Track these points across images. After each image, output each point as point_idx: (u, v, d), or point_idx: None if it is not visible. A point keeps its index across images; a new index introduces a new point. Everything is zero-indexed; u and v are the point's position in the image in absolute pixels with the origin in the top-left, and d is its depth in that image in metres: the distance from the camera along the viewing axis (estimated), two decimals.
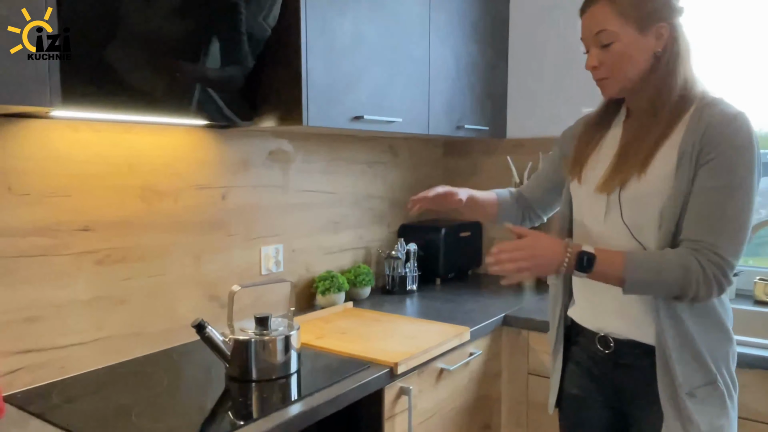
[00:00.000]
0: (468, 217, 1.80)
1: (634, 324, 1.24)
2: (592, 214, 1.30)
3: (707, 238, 1.11)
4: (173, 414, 1.22)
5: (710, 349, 1.19)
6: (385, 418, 1.44)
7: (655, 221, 1.19)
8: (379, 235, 2.35)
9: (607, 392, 1.32)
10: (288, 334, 1.39)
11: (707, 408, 1.18)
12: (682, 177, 1.14)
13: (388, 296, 2.18)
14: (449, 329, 1.71)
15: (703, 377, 1.18)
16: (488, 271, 2.59)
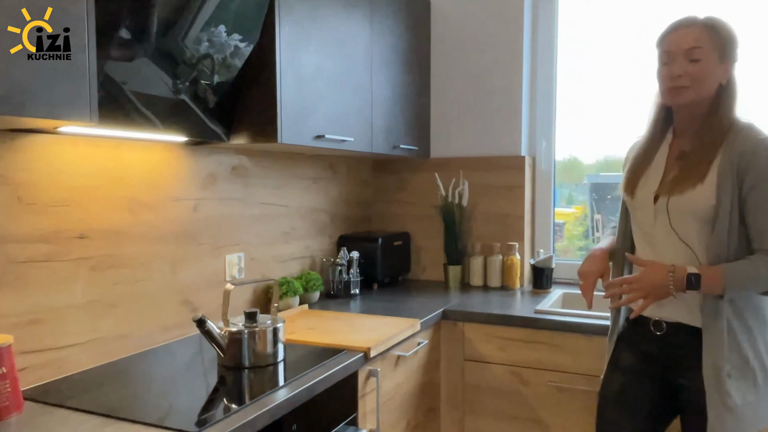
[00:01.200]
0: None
1: (681, 310, 1.52)
2: (648, 223, 1.58)
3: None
4: (180, 397, 1.36)
5: (745, 334, 1.47)
6: (359, 396, 1.66)
7: (700, 229, 1.47)
8: (322, 245, 2.56)
9: (655, 366, 1.59)
10: (276, 326, 1.57)
11: (741, 384, 1.45)
12: (725, 192, 1.42)
13: (334, 300, 2.39)
14: (402, 321, 1.96)
15: (738, 359, 1.45)
16: (421, 276, 2.88)
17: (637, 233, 1.64)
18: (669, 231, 1.52)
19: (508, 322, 2.11)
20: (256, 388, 1.42)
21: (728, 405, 1.43)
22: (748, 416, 1.44)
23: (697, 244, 1.48)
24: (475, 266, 2.65)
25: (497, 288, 2.62)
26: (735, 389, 1.43)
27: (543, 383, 2.06)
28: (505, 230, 2.67)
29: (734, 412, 1.43)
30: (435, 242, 2.81)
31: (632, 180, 1.61)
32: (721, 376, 1.43)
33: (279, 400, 1.32)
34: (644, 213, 1.58)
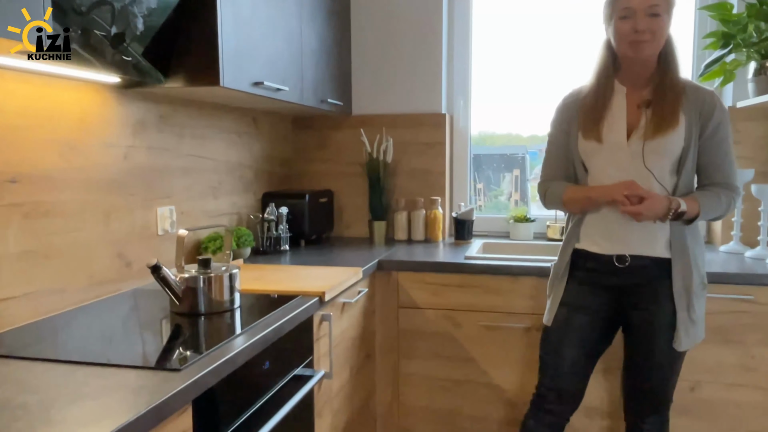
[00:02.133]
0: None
1: (644, 243, 1.67)
2: (616, 165, 1.69)
3: (730, 180, 1.69)
4: (144, 344, 1.30)
5: (701, 258, 1.71)
6: (314, 340, 1.67)
7: (673, 167, 1.67)
8: (247, 202, 2.49)
9: (607, 297, 1.74)
10: (233, 272, 1.53)
11: (700, 300, 1.70)
12: (691, 135, 1.64)
13: (265, 256, 2.35)
14: (344, 270, 1.98)
15: (699, 279, 1.69)
16: (345, 234, 2.92)
17: (600, 176, 1.72)
18: (643, 171, 1.66)
19: (440, 269, 2.21)
20: (223, 332, 1.38)
21: (693, 318, 1.67)
22: (702, 326, 1.71)
23: (667, 182, 1.66)
24: (399, 221, 2.72)
25: (421, 241, 2.71)
26: (697, 304, 1.67)
27: (474, 324, 2.19)
28: (428, 186, 2.76)
29: (696, 324, 1.68)
30: (358, 199, 2.84)
31: (594, 127, 1.71)
32: (690, 295, 1.65)
33: (254, 338, 1.30)
34: (615, 156, 1.69)
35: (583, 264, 1.77)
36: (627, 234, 1.68)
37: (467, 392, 2.22)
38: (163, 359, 1.20)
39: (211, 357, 1.17)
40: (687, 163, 1.66)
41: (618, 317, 1.77)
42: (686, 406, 2.01)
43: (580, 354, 1.78)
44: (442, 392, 2.24)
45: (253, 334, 1.32)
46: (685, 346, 1.67)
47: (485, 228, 2.81)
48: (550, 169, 1.86)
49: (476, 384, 2.21)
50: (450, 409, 2.24)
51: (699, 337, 1.70)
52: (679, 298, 1.65)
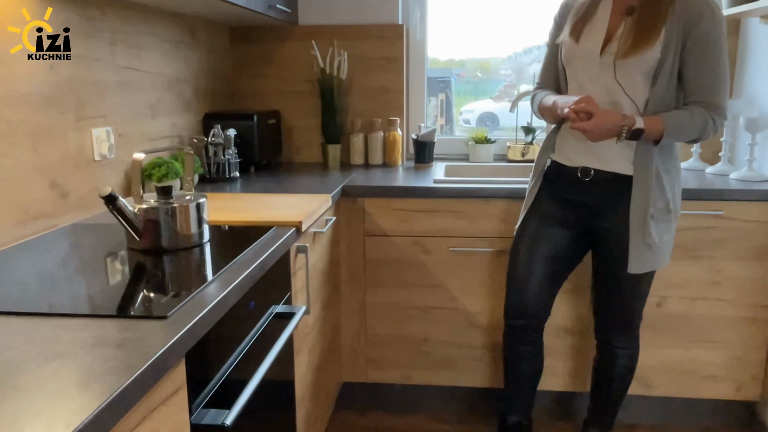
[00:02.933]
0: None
1: (608, 158, 1.61)
2: (586, 73, 1.60)
3: (713, 100, 1.53)
4: (104, 289, 1.09)
5: (669, 182, 1.62)
6: (291, 274, 1.51)
7: (642, 81, 1.55)
8: (188, 124, 2.22)
9: (575, 213, 1.70)
10: (200, 200, 1.32)
11: (660, 225, 1.62)
12: (670, 49, 1.50)
13: (214, 184, 2.11)
14: (312, 198, 1.80)
15: (663, 203, 1.60)
16: (295, 159, 2.72)
17: (573, 85, 1.67)
18: (613, 83, 1.56)
19: (409, 194, 2.07)
20: (201, 270, 1.19)
21: (648, 243, 1.59)
22: (661, 253, 1.63)
23: (638, 96, 1.56)
24: (355, 144, 2.54)
25: (379, 165, 2.55)
26: (655, 230, 1.60)
27: (444, 250, 2.10)
28: (385, 105, 2.58)
29: (652, 250, 1.61)
30: (308, 121, 2.62)
31: (578, 26, 1.62)
32: (646, 218, 1.58)
33: (241, 276, 1.12)
34: (587, 64, 1.61)
35: (554, 176, 1.74)
36: (594, 147, 1.62)
37: (437, 319, 2.15)
38: (142, 306, 1.01)
39: (198, 301, 0.99)
40: (661, 77, 1.53)
41: (586, 235, 1.74)
42: (652, 322, 2.05)
43: (548, 268, 1.76)
44: (410, 320, 2.17)
45: (238, 272, 1.14)
46: (636, 270, 1.63)
47: (442, 150, 2.68)
48: (542, 76, 1.80)
49: (447, 310, 2.14)
50: (419, 336, 2.17)
51: (656, 264, 1.64)
52: (634, 219, 1.59)
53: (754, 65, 2.22)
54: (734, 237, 1.96)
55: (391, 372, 2.21)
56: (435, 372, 2.19)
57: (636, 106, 1.57)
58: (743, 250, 1.97)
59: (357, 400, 2.28)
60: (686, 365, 2.07)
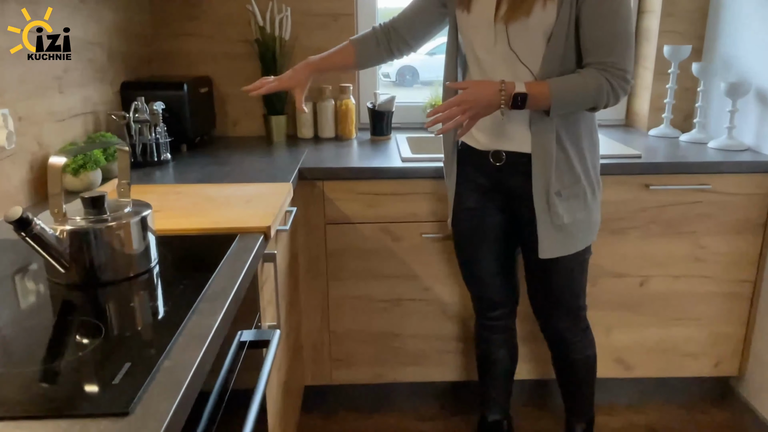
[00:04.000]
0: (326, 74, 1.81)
1: (518, 139, 1.44)
2: (481, 43, 1.42)
3: (609, 59, 1.32)
4: (20, 355, 0.78)
5: (577, 155, 1.43)
6: (259, 290, 1.23)
7: (540, 47, 1.35)
8: (104, 96, 1.83)
9: (498, 198, 1.55)
10: (144, 213, 1.01)
11: (571, 203, 1.45)
12: (564, 9, 1.30)
13: (142, 169, 1.76)
14: (272, 189, 1.51)
15: (570, 178, 1.43)
16: (232, 133, 2.40)
17: (471, 57, 1.49)
18: (508, 52, 1.38)
19: (376, 175, 1.82)
20: (159, 317, 0.90)
21: (556, 224, 1.46)
22: (577, 233, 1.49)
23: (536, 65, 1.38)
24: (303, 115, 2.23)
25: (331, 138, 2.26)
26: (564, 208, 1.45)
27: (416, 236, 1.88)
28: None
29: (563, 231, 1.47)
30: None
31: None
32: (550, 196, 1.43)
33: (217, 318, 0.84)
34: (481, 34, 1.42)
35: (468, 161, 1.57)
36: (501, 127, 1.46)
37: (408, 311, 1.95)
38: (87, 394, 0.70)
39: (169, 372, 0.71)
40: (554, 40, 1.33)
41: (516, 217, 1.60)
42: (634, 302, 1.95)
43: (493, 259, 1.64)
44: (379, 314, 1.95)
45: (212, 312, 0.86)
46: (547, 255, 1.48)
47: (395, 119, 2.42)
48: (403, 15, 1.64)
49: (419, 302, 1.94)
50: (389, 331, 1.96)
51: (571, 246, 1.49)
52: (538, 199, 1.44)
53: (728, 24, 2.10)
54: (718, 211, 1.87)
55: (358, 371, 2.00)
56: (406, 368, 2.00)
57: (533, 75, 1.39)
58: (726, 224, 1.88)
59: (323, 402, 2.06)
60: (666, 344, 2.00)
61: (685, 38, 2.22)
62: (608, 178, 1.79)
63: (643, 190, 1.83)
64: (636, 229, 1.88)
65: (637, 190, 1.84)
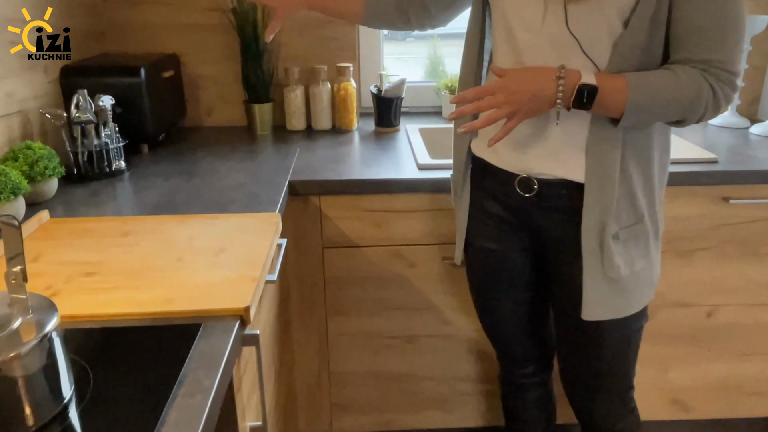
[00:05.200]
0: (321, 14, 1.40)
1: (563, 159, 1.04)
2: (523, 20, 1.01)
3: (714, 56, 0.92)
4: None
5: (644, 185, 1.05)
6: (235, 389, 0.87)
7: (611, 33, 0.95)
8: (36, 89, 1.42)
9: (524, 237, 1.17)
10: (45, 331, 0.63)
11: (630, 249, 1.06)
12: None
13: (85, 186, 1.37)
14: (254, 223, 1.13)
15: (632, 216, 1.05)
16: (206, 122, 1.94)
17: (503, 39, 1.07)
18: (563, 36, 0.97)
19: (386, 189, 1.44)
20: None
21: (610, 277, 1.06)
22: (635, 289, 1.10)
23: (603, 57, 0.97)
24: (293, 102, 1.82)
25: (327, 131, 1.87)
26: (622, 256, 1.06)
27: (435, 261, 1.52)
28: (332, 47, 1.85)
29: (618, 285, 1.08)
30: (220, 68, 1.85)
31: None
32: (605, 240, 1.04)
33: None
34: (524, 7, 1.01)
35: (483, 182, 1.19)
36: (538, 138, 1.05)
37: (424, 349, 1.60)
38: None
39: None
40: (634, 22, 0.93)
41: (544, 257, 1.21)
42: (700, 335, 1.62)
43: (517, 310, 1.27)
44: (388, 352, 1.60)
45: None
46: (593, 316, 1.08)
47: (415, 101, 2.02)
48: None
49: (436, 338, 1.59)
50: (400, 371, 1.63)
51: (627, 306, 1.10)
52: (588, 244, 1.05)
53: None
54: None
55: (363, 418, 1.67)
56: (421, 413, 1.67)
57: (597, 69, 0.99)
58: None
59: None
60: (731, 382, 1.68)
61: (760, 6, 1.82)
62: (674, 189, 1.43)
63: (720, 203, 1.47)
64: (707, 251, 1.52)
65: (712, 204, 1.48)
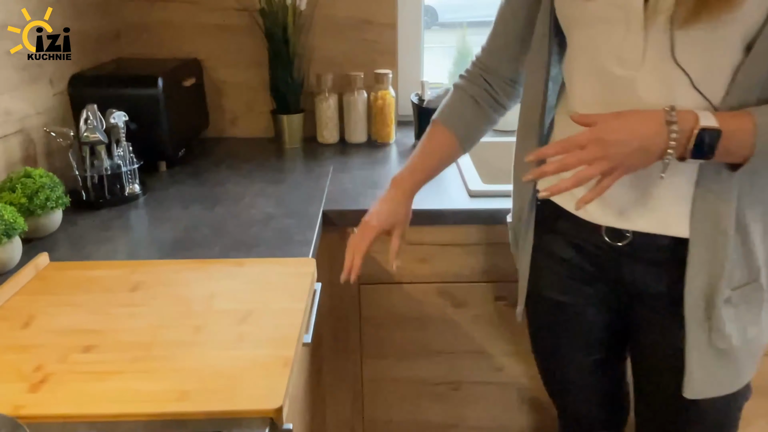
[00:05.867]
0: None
1: (662, 215, 0.85)
2: (615, 53, 0.80)
3: None
4: None
5: (763, 234, 0.85)
6: None
7: (730, 62, 0.75)
8: (39, 102, 1.25)
9: (602, 290, 0.97)
10: None
11: (741, 314, 0.86)
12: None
13: (94, 215, 1.21)
14: (285, 270, 0.96)
15: (746, 274, 0.85)
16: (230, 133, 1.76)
17: (584, 74, 0.87)
18: (668, 69, 0.77)
19: (430, 220, 1.26)
20: None
21: (718, 347, 0.86)
22: (745, 360, 0.90)
23: (718, 91, 0.77)
24: (325, 112, 1.64)
25: (362, 144, 1.68)
26: (733, 323, 0.85)
27: (487, 301, 1.33)
28: (369, 50, 1.67)
29: (726, 357, 0.87)
30: (247, 74, 1.68)
31: None
32: (715, 305, 0.84)
33: None
34: (616, 34, 0.80)
35: (554, 225, 0.99)
36: (626, 193, 0.86)
37: (472, 397, 1.43)
38: None
39: None
40: (760, 45, 0.73)
41: (626, 315, 1.01)
42: None
43: (587, 368, 1.07)
44: (431, 400, 1.43)
45: None
46: (696, 393, 0.89)
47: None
48: (491, 41, 1.04)
49: (487, 385, 1.41)
50: (445, 422, 1.45)
51: (736, 380, 0.91)
52: (692, 310, 0.86)
53: None
54: None
55: None
56: None
57: (712, 107, 0.78)
58: None
59: None
60: None
61: None
62: None
63: None
64: None
65: None
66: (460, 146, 1.06)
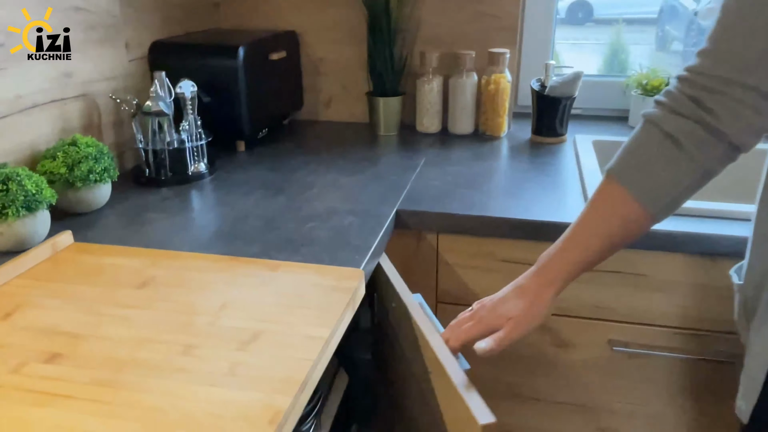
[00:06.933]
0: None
1: None
2: None
3: None
4: None
5: None
6: None
7: None
8: (111, 68, 1.17)
9: None
10: None
11: None
12: None
13: (151, 194, 1.09)
14: (322, 281, 0.76)
15: None
16: (323, 116, 1.53)
17: None
18: None
19: (536, 234, 0.99)
20: None
21: None
22: None
23: None
24: (427, 97, 1.42)
25: (467, 136, 1.44)
26: None
27: (600, 344, 1.04)
28: (483, 26, 1.42)
29: None
30: (345, 51, 1.51)
31: None
32: None
33: None
34: None
35: None
36: None
37: None
38: None
39: None
40: None
41: None
42: None
43: None
44: None
45: None
46: None
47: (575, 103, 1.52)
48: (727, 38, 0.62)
49: None
50: None
51: None
52: None
53: None
54: None
55: None
56: None
57: None
58: None
59: None
60: None
61: None
62: None
63: None
64: None
65: None
66: (649, 216, 0.69)
